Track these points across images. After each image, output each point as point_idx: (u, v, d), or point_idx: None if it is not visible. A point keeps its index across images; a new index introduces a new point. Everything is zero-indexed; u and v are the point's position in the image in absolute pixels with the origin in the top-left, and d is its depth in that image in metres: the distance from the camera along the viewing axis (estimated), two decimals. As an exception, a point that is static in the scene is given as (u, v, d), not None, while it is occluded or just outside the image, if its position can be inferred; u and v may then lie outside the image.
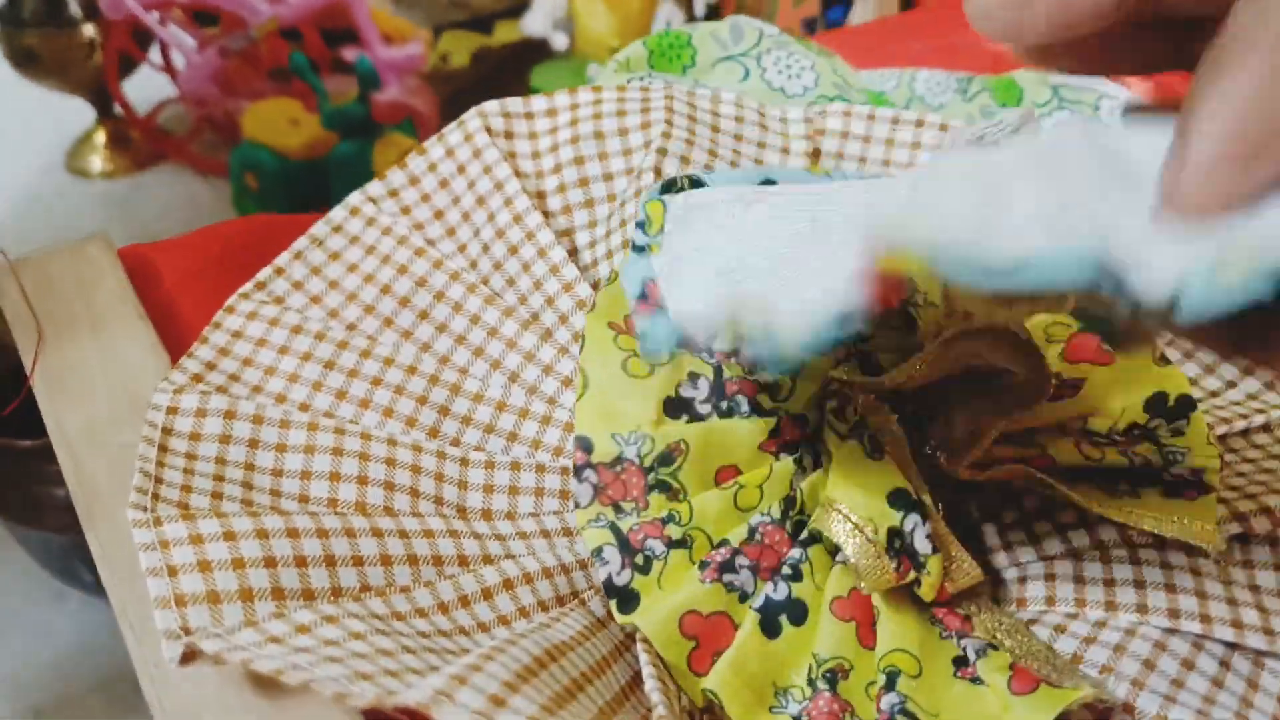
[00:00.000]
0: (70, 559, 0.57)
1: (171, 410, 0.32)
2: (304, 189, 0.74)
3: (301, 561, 0.28)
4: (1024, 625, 0.29)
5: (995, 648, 0.28)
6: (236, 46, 0.78)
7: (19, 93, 0.81)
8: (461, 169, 0.40)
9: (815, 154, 0.40)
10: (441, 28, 0.90)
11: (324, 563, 0.28)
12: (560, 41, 0.84)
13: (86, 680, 0.60)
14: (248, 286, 0.37)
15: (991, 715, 0.27)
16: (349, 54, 0.80)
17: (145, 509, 0.29)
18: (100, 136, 0.84)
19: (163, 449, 0.31)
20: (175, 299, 0.39)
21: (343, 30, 0.82)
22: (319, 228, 0.39)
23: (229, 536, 0.28)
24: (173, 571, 0.27)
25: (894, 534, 0.28)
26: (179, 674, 0.27)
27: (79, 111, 0.84)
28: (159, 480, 0.30)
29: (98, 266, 0.39)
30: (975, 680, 0.28)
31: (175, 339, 0.37)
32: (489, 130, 0.40)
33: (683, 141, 0.38)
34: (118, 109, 0.83)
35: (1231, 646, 0.29)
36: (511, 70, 0.90)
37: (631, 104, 0.40)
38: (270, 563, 0.28)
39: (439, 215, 0.39)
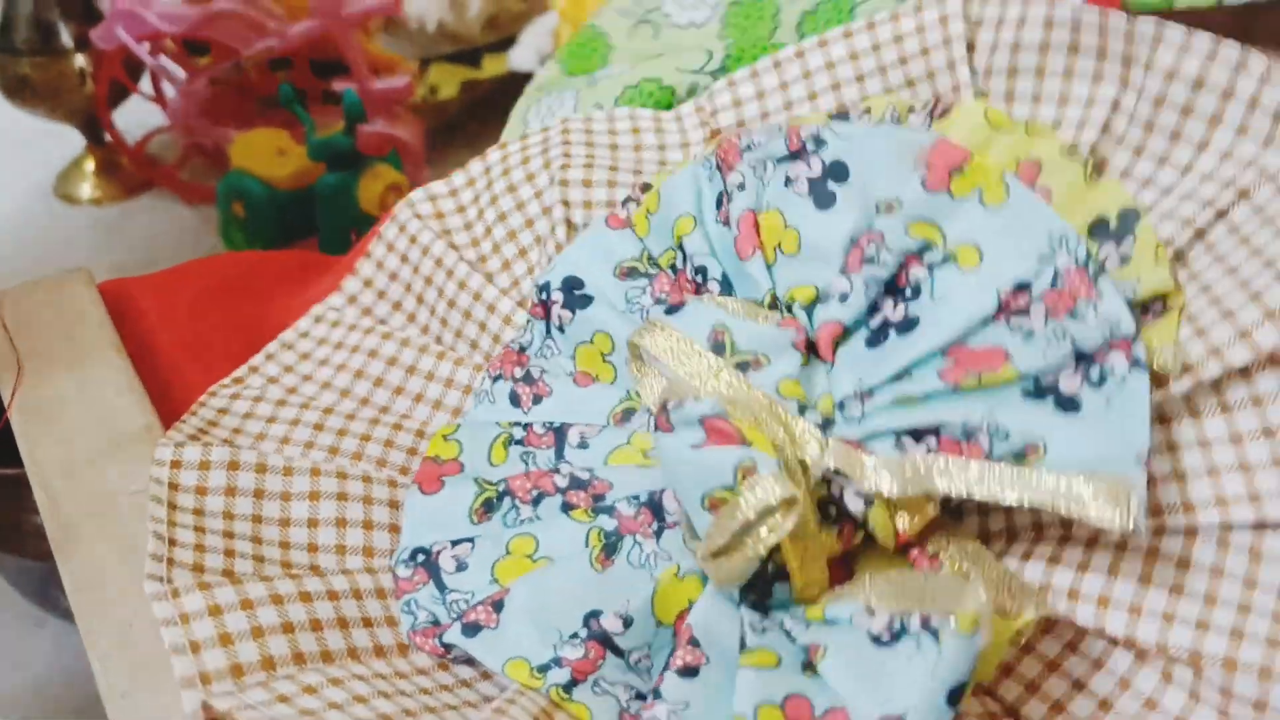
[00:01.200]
0: (48, 585, 0.58)
1: (175, 464, 0.33)
2: (290, 218, 0.75)
3: (316, 625, 0.29)
4: (985, 551, 0.30)
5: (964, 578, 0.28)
6: (226, 77, 0.79)
7: (8, 119, 0.82)
8: (404, 258, 0.43)
9: (714, 134, 0.42)
10: (430, 60, 0.91)
11: (337, 625, 0.29)
12: (546, 76, 0.85)
13: (64, 705, 0.61)
14: (225, 381, 0.39)
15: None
16: (338, 85, 0.81)
17: (162, 579, 0.29)
18: (89, 164, 0.85)
19: (171, 507, 0.32)
20: (155, 335, 0.40)
21: (332, 61, 0.83)
22: (288, 335, 0.41)
23: (246, 605, 0.28)
24: (195, 648, 0.27)
25: (824, 503, 0.29)
26: (146, 705, 0.28)
27: (68, 138, 0.85)
28: (173, 543, 0.31)
29: (78, 302, 0.40)
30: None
31: (154, 375, 0.38)
32: (419, 217, 0.44)
33: (581, 167, 0.40)
34: (107, 137, 0.84)
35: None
36: (498, 102, 0.91)
37: (534, 149, 0.42)
38: (288, 628, 0.28)
39: (397, 307, 0.43)
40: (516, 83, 0.89)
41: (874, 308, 0.32)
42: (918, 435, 0.29)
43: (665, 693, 0.27)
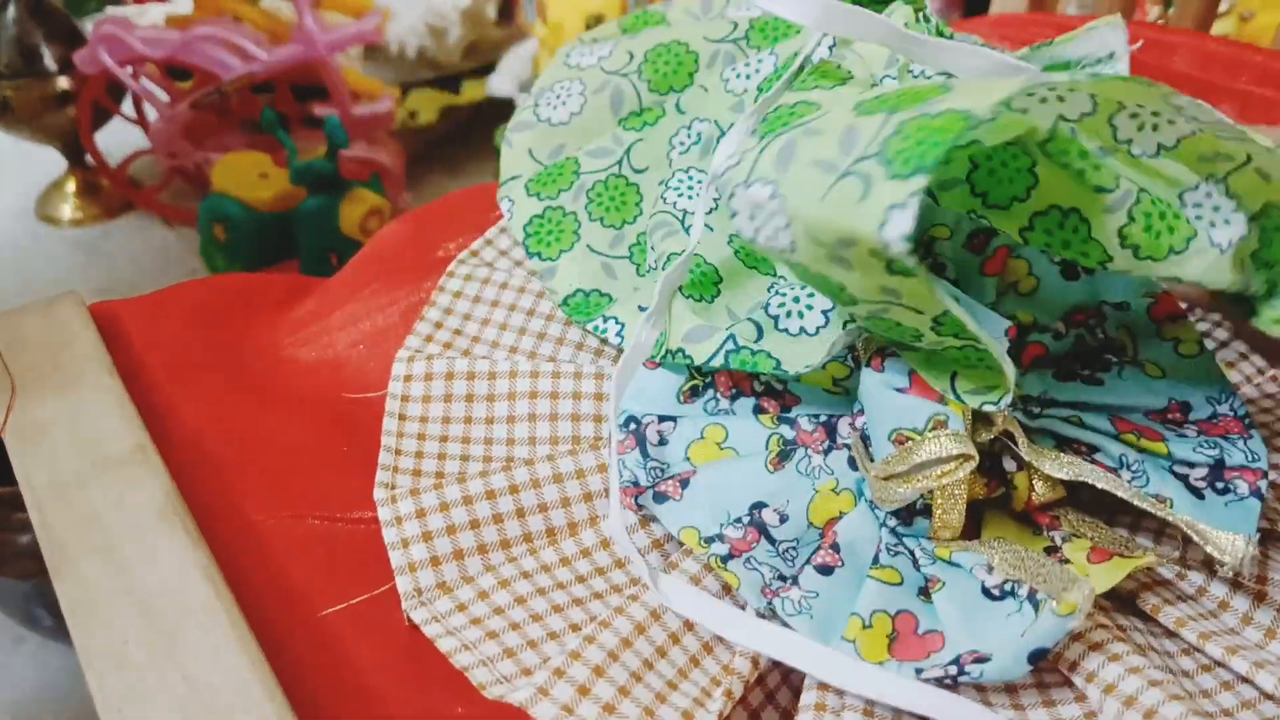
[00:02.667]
0: (30, 604, 0.58)
1: (407, 379, 0.41)
2: (271, 241, 0.76)
3: (499, 519, 0.36)
4: (1101, 522, 0.35)
5: (1079, 536, 0.34)
6: (208, 101, 0.80)
7: (-8, 141, 0.83)
8: None
9: None
10: (410, 86, 0.92)
11: (515, 515, 0.36)
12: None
13: (42, 723, 0.61)
14: (464, 254, 0.46)
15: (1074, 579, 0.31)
16: (320, 110, 0.82)
17: (388, 485, 0.37)
18: (71, 185, 0.86)
19: (401, 418, 0.39)
20: (144, 357, 0.41)
21: (314, 86, 0.84)
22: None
23: (444, 508, 0.35)
24: (405, 544, 0.35)
25: (984, 456, 0.34)
26: (139, 720, 0.29)
27: (50, 160, 0.85)
28: (398, 452, 0.38)
29: (70, 325, 0.41)
30: (1063, 561, 0.33)
31: (143, 396, 0.39)
32: None
33: None
34: (89, 159, 0.85)
35: None
36: (477, 127, 0.92)
37: None
38: (475, 524, 0.35)
39: None
40: (494, 108, 0.91)
41: (1072, 358, 0.37)
42: (1077, 448, 0.35)
43: (802, 581, 0.33)
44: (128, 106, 0.86)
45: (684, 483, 0.36)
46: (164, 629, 0.30)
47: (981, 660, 0.29)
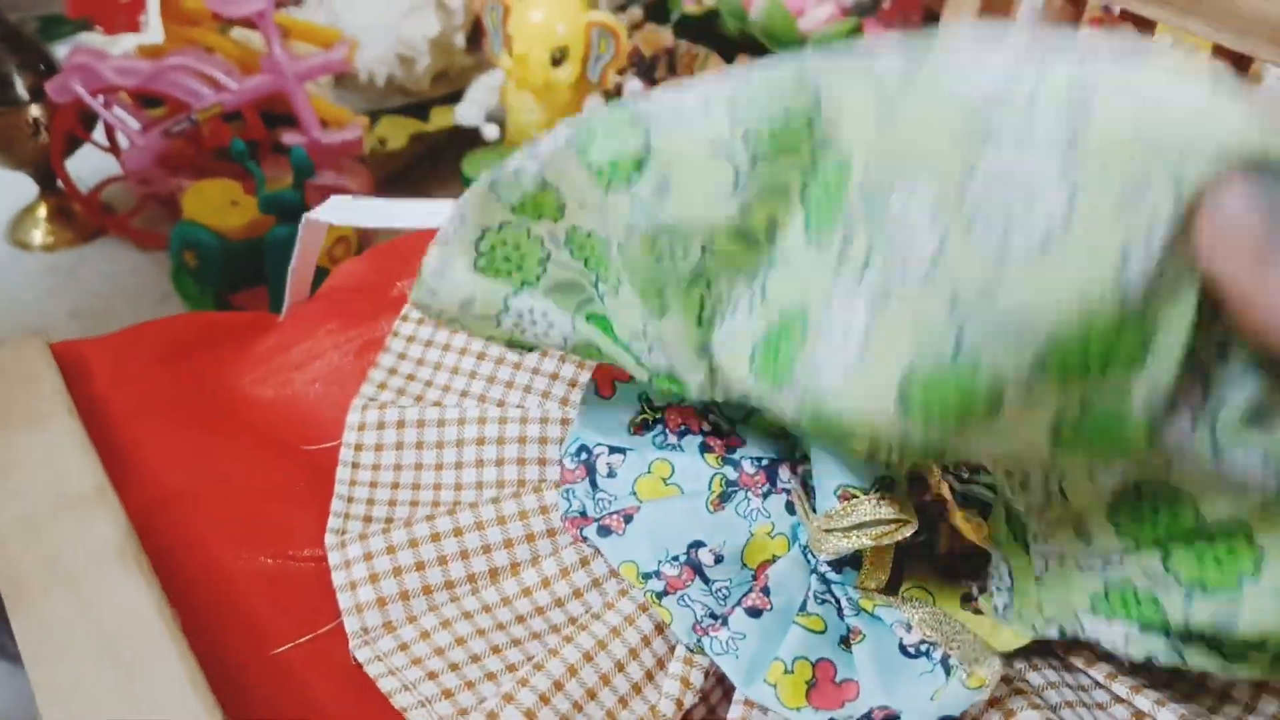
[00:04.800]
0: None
1: (360, 428, 0.42)
2: (241, 268, 0.77)
3: (443, 560, 0.37)
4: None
5: (999, 590, 0.35)
6: (179, 129, 0.81)
7: (-37, 167, 0.84)
8: None
9: None
10: (379, 113, 0.93)
11: (459, 556, 0.37)
12: (491, 132, 0.88)
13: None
14: (406, 311, 0.46)
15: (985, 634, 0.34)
16: (288, 138, 0.84)
17: (339, 531, 0.38)
18: (42, 210, 0.87)
19: (354, 466, 0.40)
20: (107, 397, 0.43)
21: (284, 114, 0.85)
22: None
23: (390, 550, 0.37)
24: (353, 586, 0.36)
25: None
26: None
27: (21, 185, 0.86)
28: (350, 499, 0.39)
29: (33, 365, 0.42)
30: (977, 612, 0.35)
31: (106, 436, 0.40)
32: None
33: None
34: (60, 184, 0.86)
35: None
36: (446, 153, 0.94)
37: None
38: (420, 566, 0.37)
39: None
40: (463, 135, 0.92)
41: None
42: None
43: (732, 622, 0.34)
44: (99, 134, 0.87)
45: (627, 518, 0.37)
46: (120, 667, 0.32)
47: (892, 717, 0.31)
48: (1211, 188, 0.21)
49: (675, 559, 0.36)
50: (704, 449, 0.39)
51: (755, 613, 0.34)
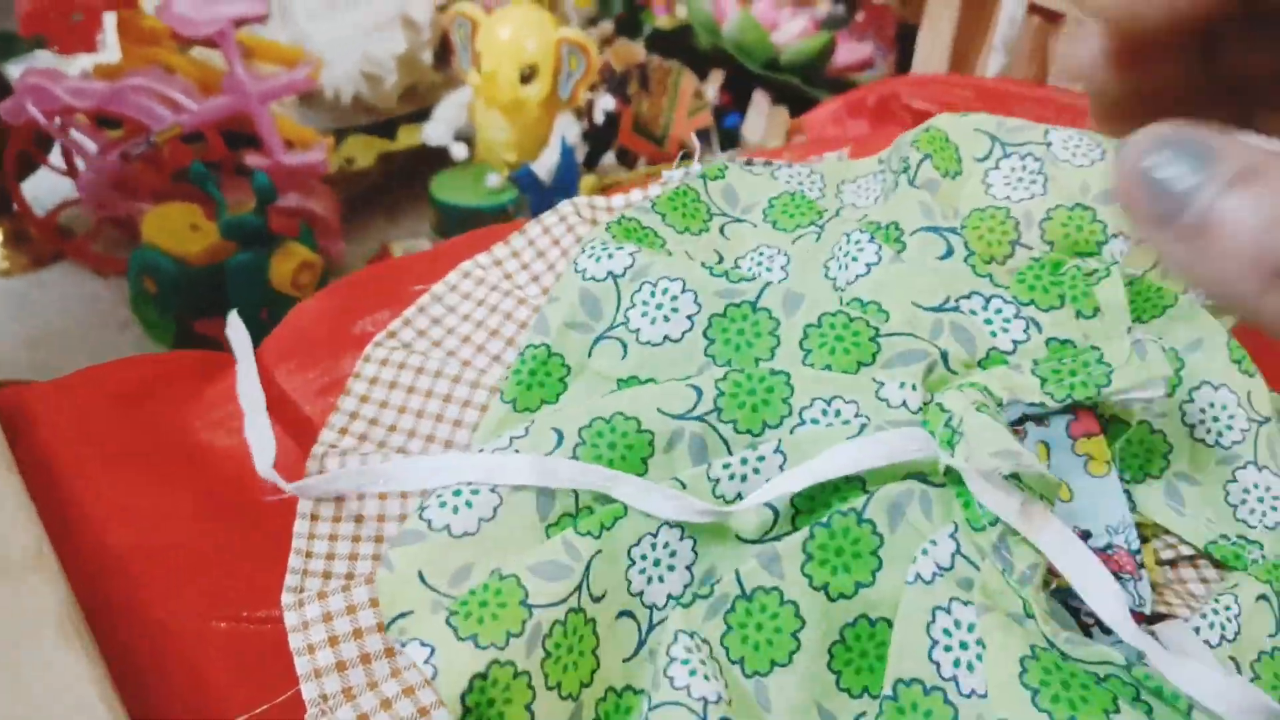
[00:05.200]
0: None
1: (320, 474, 0.39)
2: (202, 295, 0.75)
3: None
4: None
5: None
6: (138, 151, 0.79)
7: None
8: (556, 241, 0.48)
9: None
10: (345, 131, 0.91)
11: None
12: (459, 152, 0.87)
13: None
14: (380, 336, 0.45)
15: None
16: (251, 159, 0.82)
17: (296, 589, 0.35)
18: (-2, 234, 0.84)
19: (313, 518, 0.38)
20: (50, 448, 0.40)
21: (247, 133, 0.83)
22: (438, 287, 0.47)
23: (350, 610, 0.34)
24: (310, 649, 0.34)
25: None
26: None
27: (-23, 209, 0.84)
28: (309, 554, 0.37)
29: (-29, 417, 0.40)
30: None
31: (48, 492, 0.38)
32: (577, 212, 0.49)
33: None
34: (16, 208, 0.84)
35: None
36: (415, 172, 0.92)
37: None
38: (381, 627, 0.34)
39: (535, 279, 0.47)
40: (432, 152, 0.90)
41: None
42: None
43: None
44: (56, 156, 0.85)
45: None
46: (56, 749, 0.30)
47: None
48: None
49: None
50: None
51: None
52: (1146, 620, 0.35)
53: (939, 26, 0.68)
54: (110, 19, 0.82)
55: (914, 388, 0.35)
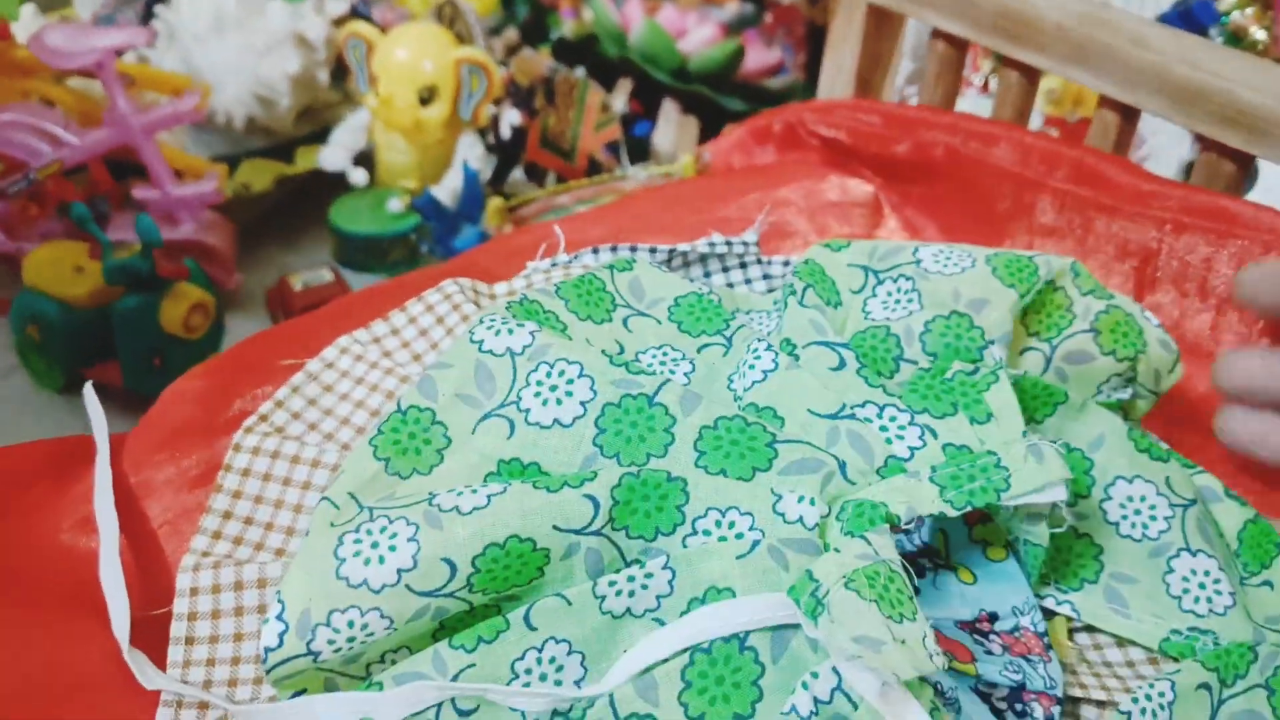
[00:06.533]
0: None
1: (193, 592, 0.37)
2: (90, 341, 0.72)
3: None
4: None
5: None
6: (15, 189, 0.75)
7: None
8: (440, 319, 0.46)
9: None
10: (241, 156, 0.88)
11: None
12: (359, 178, 0.84)
13: None
14: (251, 420, 0.43)
15: None
16: (139, 192, 0.78)
17: (173, 704, 0.34)
18: (-127, 278, 0.80)
19: (188, 641, 0.36)
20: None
21: (137, 163, 0.80)
22: (313, 364, 0.45)
23: None
24: None
25: None
26: None
27: None
28: (185, 682, 0.35)
29: None
30: None
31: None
32: (447, 296, 0.47)
33: None
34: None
35: None
36: (313, 195, 0.89)
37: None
38: None
39: (416, 358, 0.45)
40: (332, 175, 0.87)
41: None
42: None
43: None
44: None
45: None
46: None
47: None
48: None
49: None
50: None
51: None
52: (1058, 703, 0.34)
53: (843, 52, 0.67)
54: (-19, 50, 0.78)
55: (812, 502, 0.34)
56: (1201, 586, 0.38)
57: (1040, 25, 0.56)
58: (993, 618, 0.36)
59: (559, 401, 0.37)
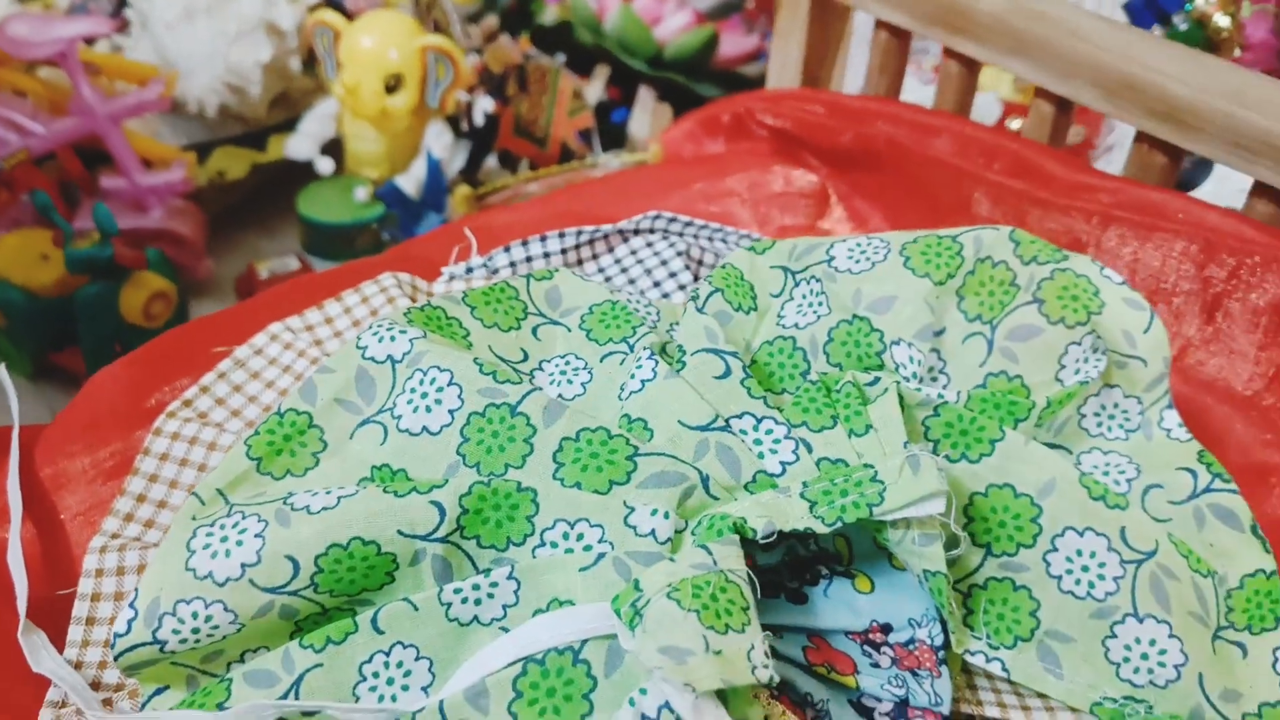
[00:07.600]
0: None
1: (98, 574, 0.36)
2: (54, 327, 0.73)
3: None
4: None
5: None
6: (-16, 178, 0.76)
7: None
8: (374, 311, 0.47)
9: None
10: (212, 145, 0.89)
11: None
12: (326, 166, 0.84)
13: None
14: (175, 405, 0.42)
15: None
16: (106, 181, 0.79)
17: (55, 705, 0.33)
18: None
19: (89, 622, 0.35)
20: None
21: (105, 151, 0.80)
22: (242, 351, 0.45)
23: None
24: None
25: None
26: None
27: None
28: (79, 664, 0.34)
29: None
30: None
31: None
32: (399, 286, 0.48)
33: None
34: None
35: None
36: (287, 181, 0.89)
37: None
38: None
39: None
40: (302, 166, 0.88)
41: (782, 570, 0.36)
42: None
43: None
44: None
45: None
46: None
47: None
48: None
49: None
50: None
51: None
52: None
53: (789, 43, 0.66)
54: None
55: (666, 515, 0.34)
56: (1144, 657, 0.35)
57: (977, 17, 0.56)
58: (886, 629, 0.35)
59: (429, 409, 0.37)
